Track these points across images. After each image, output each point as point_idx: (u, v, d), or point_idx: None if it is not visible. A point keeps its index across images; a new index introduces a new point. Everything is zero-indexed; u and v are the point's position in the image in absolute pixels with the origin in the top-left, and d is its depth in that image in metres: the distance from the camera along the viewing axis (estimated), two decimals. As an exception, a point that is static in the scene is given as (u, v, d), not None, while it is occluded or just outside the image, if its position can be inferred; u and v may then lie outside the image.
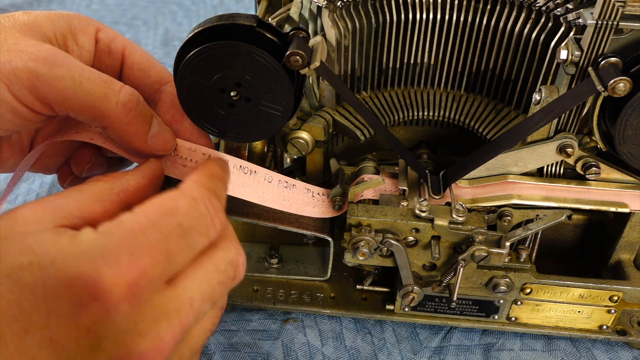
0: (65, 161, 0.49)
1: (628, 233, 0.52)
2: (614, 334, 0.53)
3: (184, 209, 0.32)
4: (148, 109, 0.41)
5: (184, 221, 0.31)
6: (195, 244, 0.32)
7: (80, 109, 0.39)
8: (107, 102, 0.39)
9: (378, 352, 0.53)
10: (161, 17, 1.11)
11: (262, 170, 0.49)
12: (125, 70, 0.46)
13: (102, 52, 0.45)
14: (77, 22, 0.43)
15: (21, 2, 1.10)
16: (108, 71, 0.45)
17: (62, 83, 0.37)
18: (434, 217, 0.47)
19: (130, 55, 0.46)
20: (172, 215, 0.31)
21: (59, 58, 0.38)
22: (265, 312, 0.56)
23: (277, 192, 0.49)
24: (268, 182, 0.48)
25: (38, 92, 0.37)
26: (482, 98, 0.56)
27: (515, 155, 0.49)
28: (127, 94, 0.40)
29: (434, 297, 0.52)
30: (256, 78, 0.44)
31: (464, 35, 0.53)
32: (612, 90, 0.42)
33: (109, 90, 0.39)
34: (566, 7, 0.47)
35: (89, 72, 0.38)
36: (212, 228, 0.33)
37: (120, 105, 0.39)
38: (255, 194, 0.47)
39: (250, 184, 0.47)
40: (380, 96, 0.56)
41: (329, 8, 0.49)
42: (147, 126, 0.41)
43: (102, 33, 0.45)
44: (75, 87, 0.38)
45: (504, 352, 0.53)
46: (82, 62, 0.42)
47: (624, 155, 0.46)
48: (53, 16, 0.42)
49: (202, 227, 0.32)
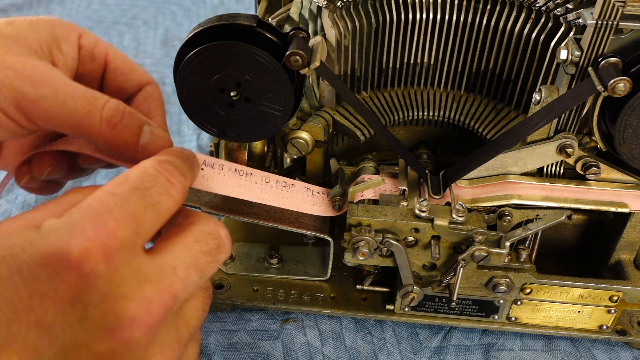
0: (25, 160, 0.49)
1: (628, 233, 0.52)
2: (614, 334, 0.53)
3: (136, 175, 0.32)
4: (136, 119, 0.42)
5: (139, 184, 0.32)
6: (158, 202, 0.32)
7: (65, 126, 0.39)
8: (91, 120, 0.39)
9: (378, 352, 0.53)
10: (161, 17, 1.11)
11: (258, 172, 0.49)
12: (108, 74, 0.47)
13: (86, 58, 0.46)
14: (60, 30, 0.44)
15: (21, 2, 1.10)
16: (91, 76, 0.46)
17: (46, 103, 0.38)
18: (434, 217, 0.47)
19: (113, 60, 0.47)
20: (126, 182, 0.32)
21: (44, 76, 0.39)
22: (265, 312, 0.56)
23: (276, 191, 0.49)
24: (265, 183, 0.49)
25: (24, 110, 0.38)
26: (482, 98, 0.56)
27: (515, 155, 0.49)
28: (111, 110, 0.40)
29: (434, 297, 0.52)
30: (256, 78, 0.44)
31: (464, 35, 0.53)
32: (612, 90, 0.42)
33: (92, 108, 0.39)
34: (566, 7, 0.47)
35: (72, 90, 0.39)
36: (172, 187, 0.33)
37: (104, 122, 0.40)
38: (252, 193, 0.47)
39: (247, 185, 0.47)
40: (380, 96, 0.56)
41: (329, 8, 0.49)
42: (135, 137, 0.41)
43: (85, 39, 0.46)
44: (59, 107, 0.38)
45: (504, 352, 0.53)
46: (67, 70, 0.43)
47: (624, 155, 0.46)
48: (36, 25, 0.42)
49: (159, 186, 0.32)
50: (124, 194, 0.31)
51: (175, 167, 0.35)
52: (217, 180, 0.46)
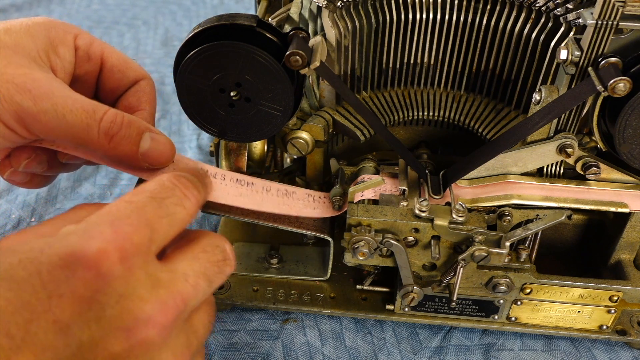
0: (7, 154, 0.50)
1: (628, 233, 0.52)
2: (614, 334, 0.53)
3: (153, 186, 0.33)
4: (135, 127, 0.42)
5: (155, 194, 0.33)
6: (173, 212, 0.33)
7: (65, 139, 0.41)
8: (90, 132, 0.40)
9: (378, 352, 0.53)
10: (161, 17, 1.11)
11: (259, 181, 0.50)
12: (105, 72, 0.48)
13: (82, 59, 0.47)
14: (55, 34, 0.45)
15: (21, 2, 1.10)
16: (88, 76, 0.47)
17: (46, 116, 0.39)
18: (434, 217, 0.47)
19: (109, 59, 0.48)
20: (143, 192, 0.33)
21: (44, 90, 0.40)
22: (265, 312, 0.56)
23: (276, 199, 0.50)
24: (266, 191, 0.50)
25: (24, 123, 0.40)
26: (482, 98, 0.56)
27: (515, 155, 0.49)
28: (108, 122, 0.41)
29: (434, 297, 0.52)
30: (256, 78, 0.44)
31: (464, 35, 0.53)
32: (612, 90, 0.42)
33: (90, 121, 0.40)
34: (566, 7, 0.47)
35: (72, 103, 0.40)
36: (187, 200, 0.34)
37: (102, 134, 0.41)
38: (253, 202, 0.48)
39: (248, 194, 0.49)
40: (380, 96, 0.56)
41: (329, 8, 0.49)
42: (135, 146, 0.42)
43: (80, 39, 0.47)
44: (58, 120, 0.40)
45: (504, 352, 0.53)
46: (65, 74, 0.45)
47: (624, 155, 0.46)
48: (33, 31, 0.43)
49: (175, 197, 0.33)
50: (140, 202, 0.32)
51: (190, 182, 0.35)
52: (219, 189, 0.47)
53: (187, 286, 0.31)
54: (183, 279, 0.31)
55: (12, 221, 0.65)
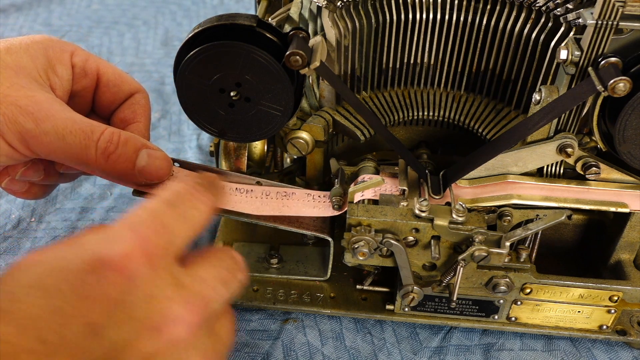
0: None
1: (628, 233, 0.52)
2: (614, 334, 0.53)
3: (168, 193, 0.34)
4: (132, 145, 0.45)
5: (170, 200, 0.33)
6: (188, 216, 0.33)
7: (65, 159, 0.44)
8: (88, 152, 0.43)
9: (378, 352, 0.53)
10: (161, 17, 1.11)
11: (259, 188, 0.51)
12: (101, 87, 0.50)
13: (79, 76, 0.49)
14: (53, 53, 0.47)
15: (21, 2, 1.10)
16: (85, 91, 0.50)
17: (47, 137, 0.42)
18: (434, 217, 0.47)
19: (104, 74, 0.50)
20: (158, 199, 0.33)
21: (45, 112, 0.42)
22: (265, 312, 0.56)
23: (276, 202, 0.51)
24: (266, 196, 0.51)
25: (27, 143, 0.42)
26: (482, 98, 0.56)
27: (515, 155, 0.49)
28: (105, 141, 0.43)
29: (434, 297, 0.52)
30: (256, 78, 0.44)
31: (464, 35, 0.53)
32: (612, 90, 0.42)
33: (88, 142, 0.43)
34: (566, 7, 0.47)
35: (71, 125, 0.43)
36: (202, 204, 0.34)
37: (99, 154, 0.43)
38: (253, 207, 0.50)
39: (247, 200, 0.50)
40: (380, 96, 0.56)
41: (329, 8, 0.49)
42: (131, 164, 0.44)
43: (76, 57, 0.49)
44: (59, 141, 0.42)
45: (504, 352, 0.53)
46: (64, 92, 0.47)
47: (624, 155, 0.46)
48: (32, 51, 0.46)
49: (189, 201, 0.34)
50: (157, 208, 0.32)
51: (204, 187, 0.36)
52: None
53: (207, 288, 0.32)
54: (203, 282, 0.32)
55: (12, 221, 0.65)
